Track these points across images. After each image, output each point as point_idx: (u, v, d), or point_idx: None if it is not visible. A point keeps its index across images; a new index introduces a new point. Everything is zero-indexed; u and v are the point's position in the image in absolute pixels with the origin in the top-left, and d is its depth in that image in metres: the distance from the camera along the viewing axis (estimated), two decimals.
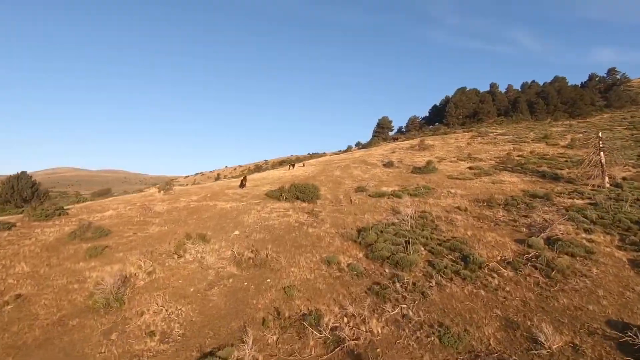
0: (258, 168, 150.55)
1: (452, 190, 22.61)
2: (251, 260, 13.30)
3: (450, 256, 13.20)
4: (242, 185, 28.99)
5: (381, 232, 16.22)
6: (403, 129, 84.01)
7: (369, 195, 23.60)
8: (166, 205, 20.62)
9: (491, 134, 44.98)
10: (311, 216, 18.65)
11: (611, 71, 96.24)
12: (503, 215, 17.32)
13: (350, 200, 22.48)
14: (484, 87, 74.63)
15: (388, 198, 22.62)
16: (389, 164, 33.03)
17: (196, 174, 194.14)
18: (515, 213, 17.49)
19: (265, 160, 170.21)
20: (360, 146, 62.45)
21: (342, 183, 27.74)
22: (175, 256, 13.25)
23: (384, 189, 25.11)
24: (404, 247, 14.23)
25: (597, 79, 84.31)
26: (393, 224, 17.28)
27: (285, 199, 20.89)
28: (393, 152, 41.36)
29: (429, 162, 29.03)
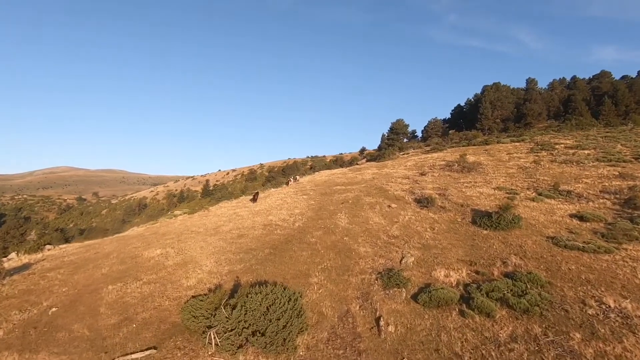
0: (252, 173, 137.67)
1: (610, 301, 9.90)
2: None
3: None
4: (254, 199, 28.19)
5: None
6: (417, 134, 71.11)
7: (414, 299, 11.01)
8: None
9: (558, 146, 32.15)
10: None
11: None
12: None
13: (379, 328, 9.84)
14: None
15: (459, 315, 10.04)
16: (426, 202, 20.34)
17: (187, 179, 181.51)
18: None
19: (261, 164, 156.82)
20: (369, 157, 49.71)
21: (353, 252, 15.05)
22: None
23: (440, 275, 12.49)
24: None
25: None
26: None
27: (217, 345, 8.22)
28: (422, 174, 28.62)
29: (505, 207, 16.33)
